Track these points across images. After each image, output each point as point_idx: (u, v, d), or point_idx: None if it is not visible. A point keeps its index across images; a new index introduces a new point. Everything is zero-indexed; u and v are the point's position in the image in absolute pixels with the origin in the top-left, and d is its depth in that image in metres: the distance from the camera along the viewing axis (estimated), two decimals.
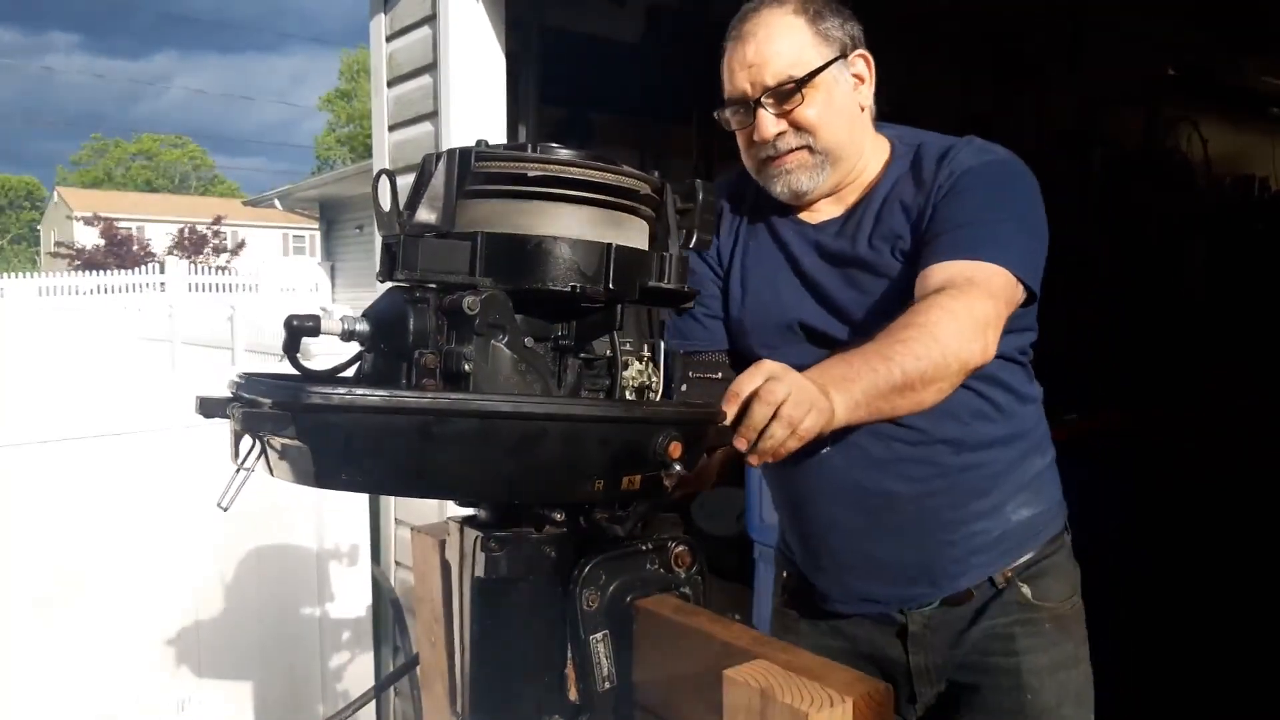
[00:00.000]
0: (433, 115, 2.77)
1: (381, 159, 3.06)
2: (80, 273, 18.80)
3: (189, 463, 2.42)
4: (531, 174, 0.95)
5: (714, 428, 1.00)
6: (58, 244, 27.63)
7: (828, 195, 1.50)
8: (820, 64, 1.42)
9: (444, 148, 1.11)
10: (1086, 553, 1.63)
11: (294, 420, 0.81)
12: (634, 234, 1.03)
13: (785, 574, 1.70)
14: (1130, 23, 4.89)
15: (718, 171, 5.23)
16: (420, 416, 0.83)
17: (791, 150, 1.44)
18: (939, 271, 1.33)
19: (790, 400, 1.06)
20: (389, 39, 2.98)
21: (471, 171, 0.94)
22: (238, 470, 0.87)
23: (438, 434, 0.83)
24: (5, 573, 2.25)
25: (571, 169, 0.96)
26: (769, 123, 1.43)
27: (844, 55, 1.45)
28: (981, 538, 1.49)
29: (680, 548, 1.06)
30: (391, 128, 2.98)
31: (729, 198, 1.62)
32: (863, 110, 1.49)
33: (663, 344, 1.14)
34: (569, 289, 0.95)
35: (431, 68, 2.77)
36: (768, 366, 1.10)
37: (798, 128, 1.43)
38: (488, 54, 2.76)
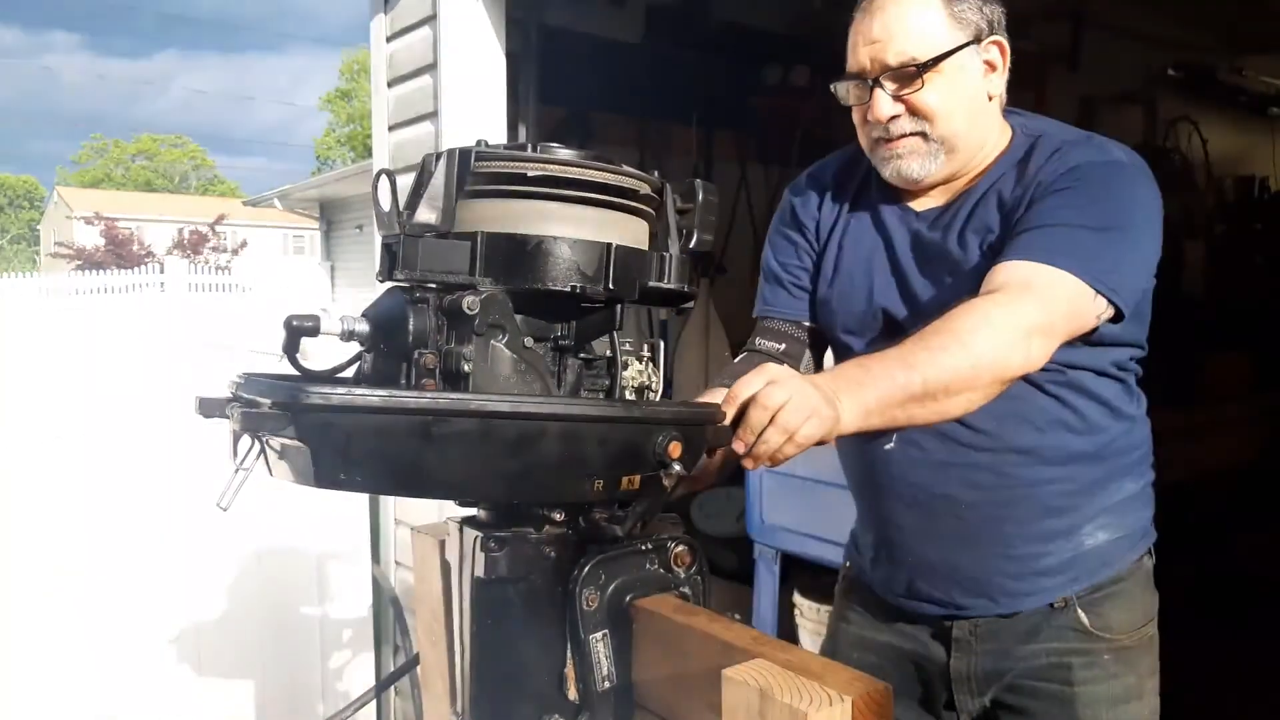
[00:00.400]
0: (432, 115, 2.78)
1: (381, 159, 3.06)
2: (80, 273, 18.80)
3: (189, 462, 2.42)
4: (531, 174, 0.95)
5: (713, 428, 1.00)
6: (58, 244, 27.60)
7: (942, 183, 1.43)
8: (949, 48, 1.33)
9: (444, 148, 1.11)
10: None
11: (294, 420, 0.81)
12: (634, 234, 1.03)
13: (848, 562, 1.66)
14: (1130, 23, 4.89)
15: (718, 171, 5.23)
16: (420, 416, 0.83)
17: (905, 135, 1.37)
18: (1001, 272, 1.25)
19: (789, 406, 1.04)
20: (389, 39, 2.98)
21: (472, 171, 0.94)
22: (236, 470, 0.87)
23: (438, 434, 0.83)
24: (5, 573, 2.25)
25: (571, 169, 0.96)
26: (884, 104, 1.36)
27: (978, 40, 1.36)
28: (1050, 559, 1.41)
29: (680, 548, 1.06)
30: (391, 128, 2.98)
31: (838, 172, 1.56)
32: (991, 99, 1.40)
33: (662, 343, 1.14)
34: (569, 289, 0.95)
35: (431, 68, 2.77)
36: (770, 370, 1.09)
37: (914, 113, 1.36)
38: (487, 54, 2.76)
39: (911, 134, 1.37)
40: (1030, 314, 1.20)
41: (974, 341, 1.16)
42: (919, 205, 1.45)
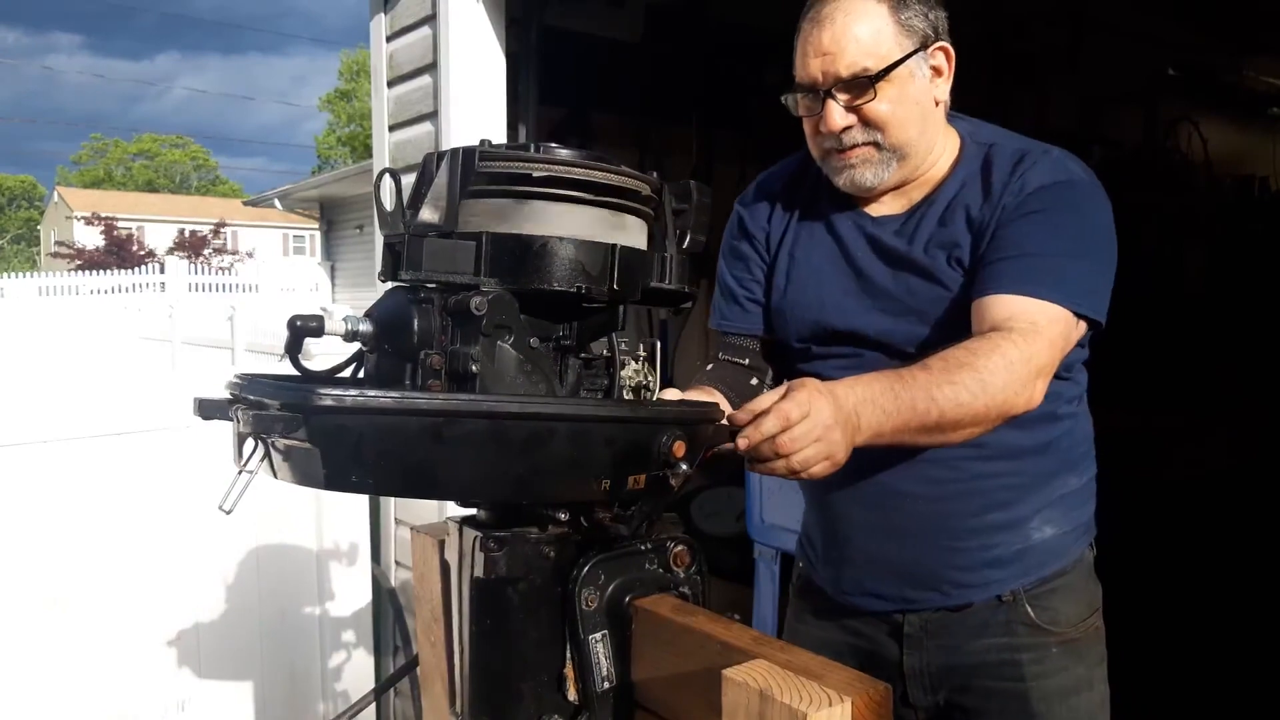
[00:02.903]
0: (433, 115, 2.78)
1: (382, 159, 3.06)
2: (81, 273, 18.79)
3: (189, 463, 2.42)
4: (536, 174, 0.95)
5: (712, 427, 1.00)
6: (58, 244, 27.61)
7: (892, 189, 1.45)
8: (898, 57, 1.35)
9: (444, 148, 1.11)
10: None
11: (305, 422, 0.80)
12: (635, 235, 1.03)
13: (800, 563, 1.68)
14: (1130, 23, 4.89)
15: (718, 171, 5.23)
16: (434, 418, 0.83)
17: (858, 145, 1.39)
18: (1000, 305, 1.29)
19: (804, 457, 1.05)
20: (389, 39, 2.98)
21: (475, 171, 0.94)
22: (240, 472, 0.86)
23: (449, 435, 0.83)
24: (5, 572, 2.25)
25: (575, 169, 0.96)
26: (837, 115, 1.37)
27: (924, 46, 1.38)
28: (997, 551, 1.44)
29: (679, 547, 1.06)
30: (391, 128, 2.98)
31: (786, 181, 1.57)
32: (937, 105, 1.42)
33: (658, 343, 1.15)
34: (574, 290, 0.94)
35: (431, 68, 2.77)
36: (800, 400, 1.05)
37: (867, 123, 1.37)
38: (488, 54, 2.76)
39: (864, 144, 1.39)
40: (1040, 357, 1.26)
41: (994, 383, 1.20)
42: (875, 211, 1.47)
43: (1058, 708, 1.44)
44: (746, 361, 1.54)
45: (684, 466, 0.93)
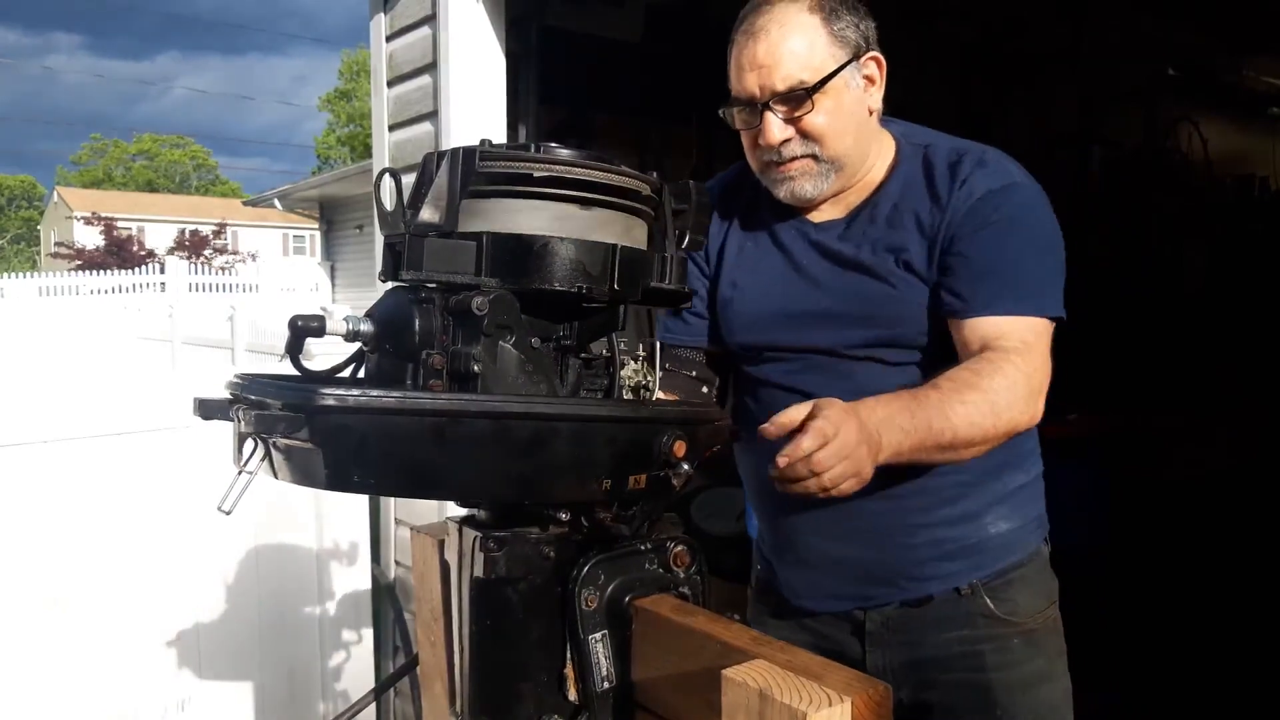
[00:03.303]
0: (433, 115, 2.77)
1: (381, 159, 3.06)
2: (81, 273, 18.79)
3: (189, 462, 2.42)
4: (537, 174, 0.94)
5: (709, 426, 1.01)
6: (58, 244, 27.62)
7: (831, 197, 1.48)
8: (833, 68, 1.36)
9: (444, 147, 1.11)
10: (1082, 551, 1.63)
11: (307, 422, 0.80)
12: (636, 235, 1.03)
13: (759, 565, 1.69)
14: (1130, 23, 4.89)
15: (718, 171, 5.22)
16: (436, 418, 0.83)
17: (796, 158, 1.41)
18: (986, 327, 1.34)
19: (834, 474, 1.10)
20: (389, 39, 2.98)
21: (475, 171, 0.94)
22: (240, 473, 0.86)
23: (451, 435, 0.83)
24: (6, 572, 2.25)
25: (576, 169, 0.96)
26: (775, 128, 1.38)
27: (857, 57, 1.39)
28: (950, 545, 1.46)
29: (679, 547, 1.06)
30: (391, 128, 2.98)
31: (724, 193, 1.58)
32: (871, 114, 1.44)
33: (658, 343, 1.15)
34: (576, 290, 0.94)
35: (431, 68, 2.77)
36: (832, 418, 1.10)
37: (805, 135, 1.39)
38: (488, 54, 2.76)
39: (803, 156, 1.40)
40: (1039, 374, 1.32)
41: (1000, 402, 1.26)
42: (816, 218, 1.49)
43: (1021, 699, 1.46)
44: (694, 373, 1.55)
45: (685, 466, 0.93)
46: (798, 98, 1.36)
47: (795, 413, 1.12)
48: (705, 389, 1.54)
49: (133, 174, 51.75)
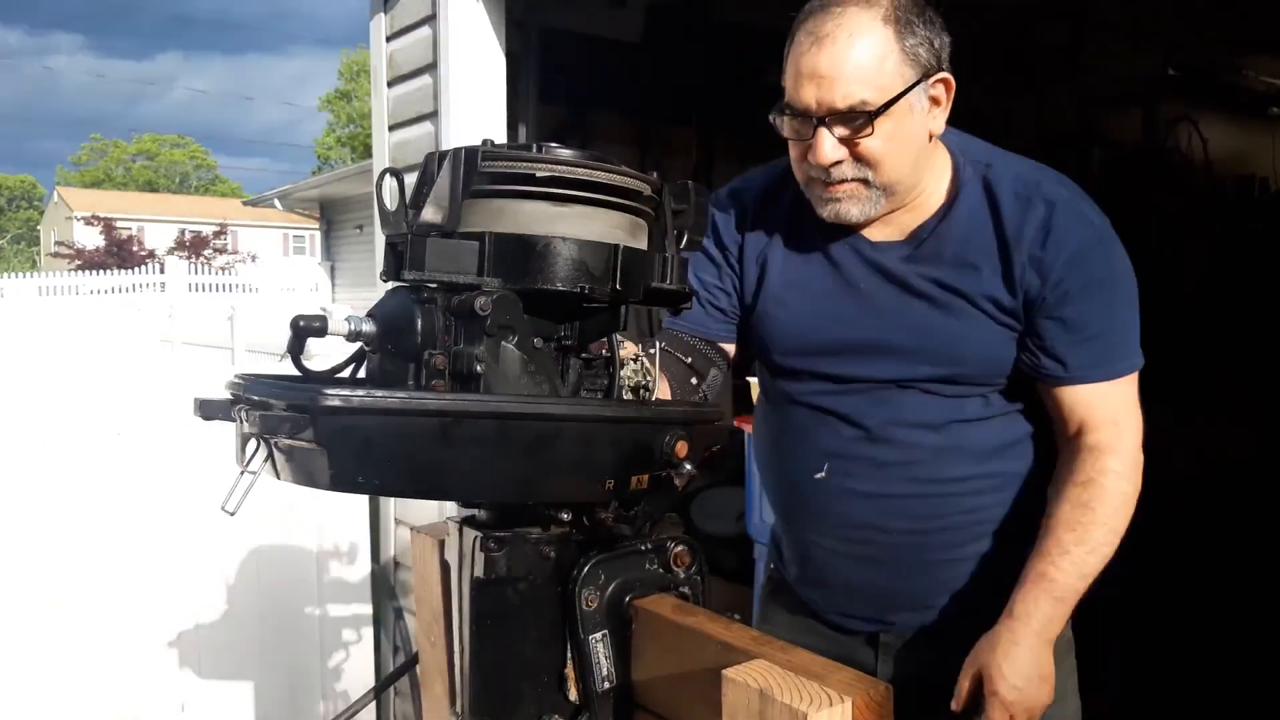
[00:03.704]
0: (433, 115, 2.77)
1: (381, 159, 3.06)
2: (81, 273, 18.80)
3: (189, 463, 2.42)
4: (539, 174, 0.94)
5: (707, 426, 1.01)
6: (58, 244, 27.62)
7: (881, 218, 1.38)
8: (900, 90, 1.24)
9: (444, 147, 1.11)
10: None
11: (312, 423, 0.80)
12: (637, 235, 1.03)
13: (772, 565, 1.67)
14: (1130, 23, 4.89)
15: (718, 171, 5.23)
16: (441, 419, 0.83)
17: (846, 180, 1.30)
18: (1084, 395, 1.34)
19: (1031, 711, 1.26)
20: (389, 39, 2.98)
21: (477, 171, 0.94)
22: (242, 473, 0.86)
23: (456, 436, 0.83)
24: (6, 572, 2.25)
25: (578, 170, 0.95)
26: (828, 148, 1.27)
27: (926, 76, 1.27)
28: (977, 575, 1.44)
29: (679, 547, 1.06)
30: (391, 128, 2.98)
31: (763, 195, 1.49)
32: (931, 138, 1.32)
33: (658, 343, 1.15)
34: (578, 290, 0.94)
35: (431, 68, 2.77)
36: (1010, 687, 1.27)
37: (859, 159, 1.28)
38: (488, 54, 2.76)
39: (853, 179, 1.30)
40: (1134, 446, 1.35)
41: (1120, 523, 1.33)
42: (872, 235, 1.40)
43: None
44: (690, 360, 1.45)
45: (688, 466, 0.93)
46: (856, 119, 1.25)
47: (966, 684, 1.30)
48: (694, 379, 1.43)
49: (133, 174, 51.75)
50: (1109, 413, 1.34)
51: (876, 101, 1.24)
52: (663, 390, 1.32)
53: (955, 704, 1.31)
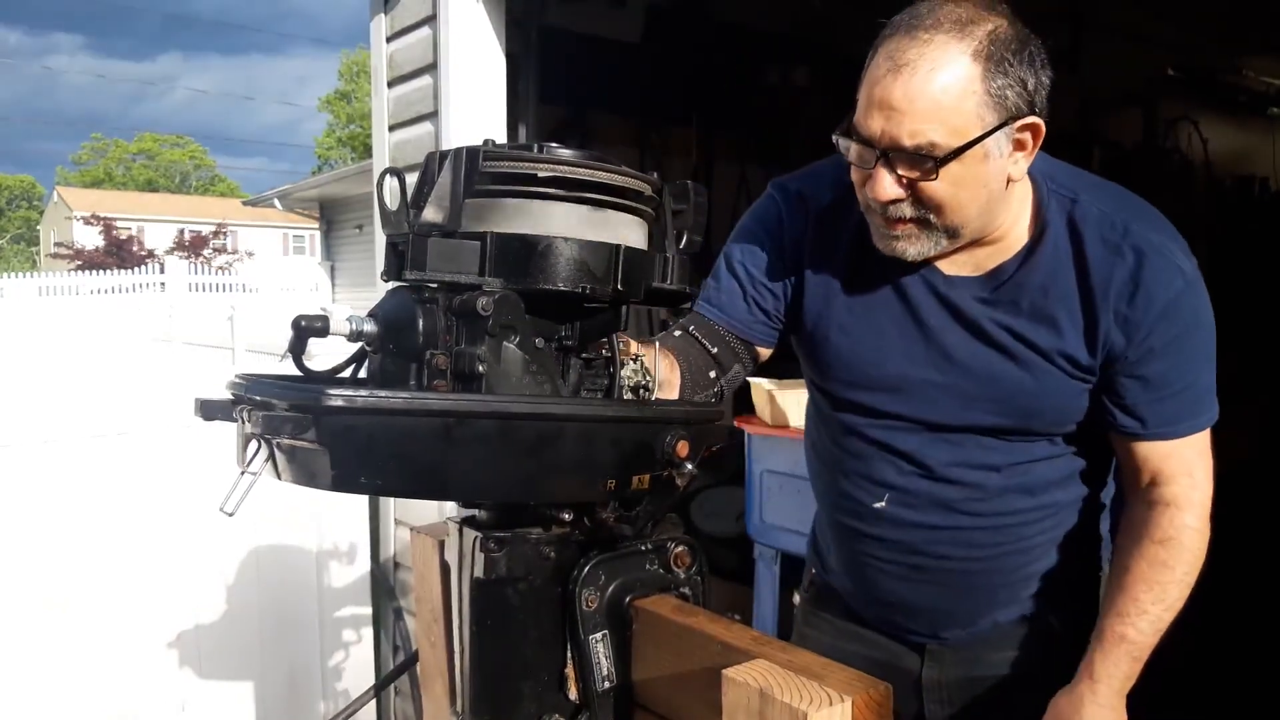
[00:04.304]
0: (433, 115, 2.78)
1: (382, 159, 3.06)
2: (80, 273, 18.80)
3: (189, 462, 2.42)
4: (541, 174, 0.94)
5: (709, 426, 1.01)
6: (58, 244, 27.63)
7: (952, 253, 1.29)
8: (975, 136, 1.13)
9: (444, 147, 1.11)
10: None
11: (315, 423, 0.80)
12: (637, 235, 1.03)
13: (813, 569, 1.64)
14: (1130, 23, 4.89)
15: (718, 171, 5.23)
16: (444, 419, 0.83)
17: (904, 220, 1.22)
18: (1160, 450, 1.31)
19: None
20: (389, 39, 2.98)
21: (479, 171, 0.94)
22: (243, 474, 0.86)
23: (459, 436, 0.83)
24: (6, 572, 2.25)
25: (580, 170, 0.96)
26: (887, 185, 1.17)
27: (1013, 119, 1.16)
28: (1030, 590, 1.43)
29: (680, 548, 1.06)
30: (391, 128, 2.98)
31: (835, 202, 1.36)
32: (1009, 183, 1.22)
33: (657, 343, 1.15)
34: (580, 290, 0.94)
35: (431, 68, 2.77)
36: None
37: (919, 200, 1.19)
38: (488, 54, 2.76)
39: (911, 219, 1.22)
40: (1208, 502, 1.32)
41: (1191, 576, 1.32)
42: (947, 269, 1.31)
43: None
44: (715, 350, 1.37)
45: (689, 466, 0.93)
46: (922, 161, 1.15)
47: None
48: (714, 373, 1.36)
49: (132, 174, 51.76)
50: (1184, 465, 1.31)
51: (946, 144, 1.13)
52: (673, 379, 1.27)
53: None
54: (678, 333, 1.39)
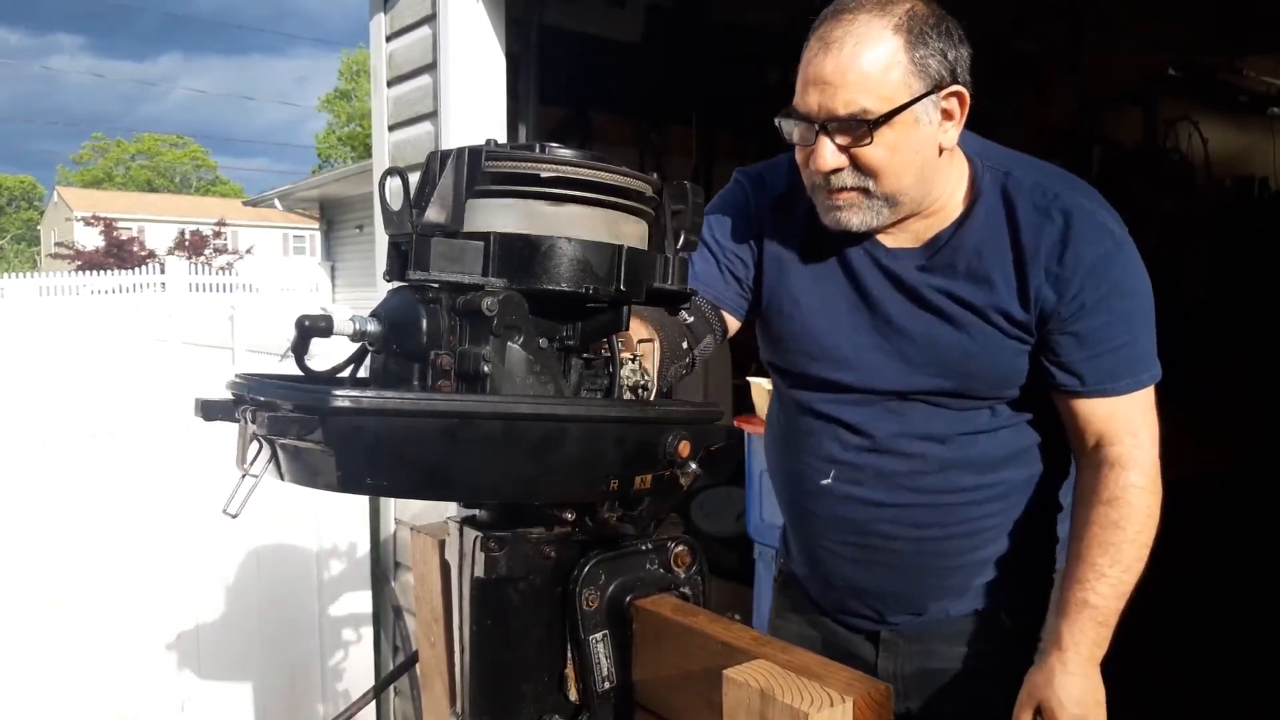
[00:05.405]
0: (432, 115, 2.77)
1: (381, 159, 3.06)
2: (81, 273, 18.79)
3: (189, 462, 2.42)
4: (544, 174, 0.94)
5: (710, 426, 1.01)
6: (58, 244, 27.62)
7: (893, 225, 1.36)
8: (904, 101, 1.23)
9: (444, 147, 1.11)
10: None
11: (322, 424, 0.80)
12: (639, 235, 1.03)
13: (781, 558, 1.68)
14: (1130, 23, 4.90)
15: (718, 171, 5.23)
16: (451, 419, 0.83)
17: (846, 189, 1.29)
18: (1102, 408, 1.33)
19: None
20: (389, 39, 2.98)
21: (482, 170, 0.94)
22: (245, 475, 0.86)
23: (466, 437, 0.83)
24: (6, 572, 2.25)
25: (582, 170, 0.96)
26: (828, 155, 1.26)
27: (937, 89, 1.25)
28: (981, 579, 1.44)
29: (680, 547, 1.06)
30: (391, 128, 2.98)
31: (788, 188, 1.45)
32: (942, 151, 1.30)
33: (655, 343, 1.15)
34: (583, 290, 0.94)
35: (431, 68, 2.77)
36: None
37: (858, 167, 1.27)
38: (488, 54, 2.76)
39: (853, 188, 1.29)
40: (1152, 458, 1.34)
41: (1148, 536, 1.33)
42: (888, 241, 1.39)
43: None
44: (691, 320, 1.38)
45: (692, 466, 0.93)
46: (856, 127, 1.24)
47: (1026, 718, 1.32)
48: (686, 344, 1.34)
49: (132, 174, 51.76)
50: (1127, 424, 1.34)
51: (878, 110, 1.23)
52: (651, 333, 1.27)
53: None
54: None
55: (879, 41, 1.23)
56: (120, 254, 21.46)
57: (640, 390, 1.06)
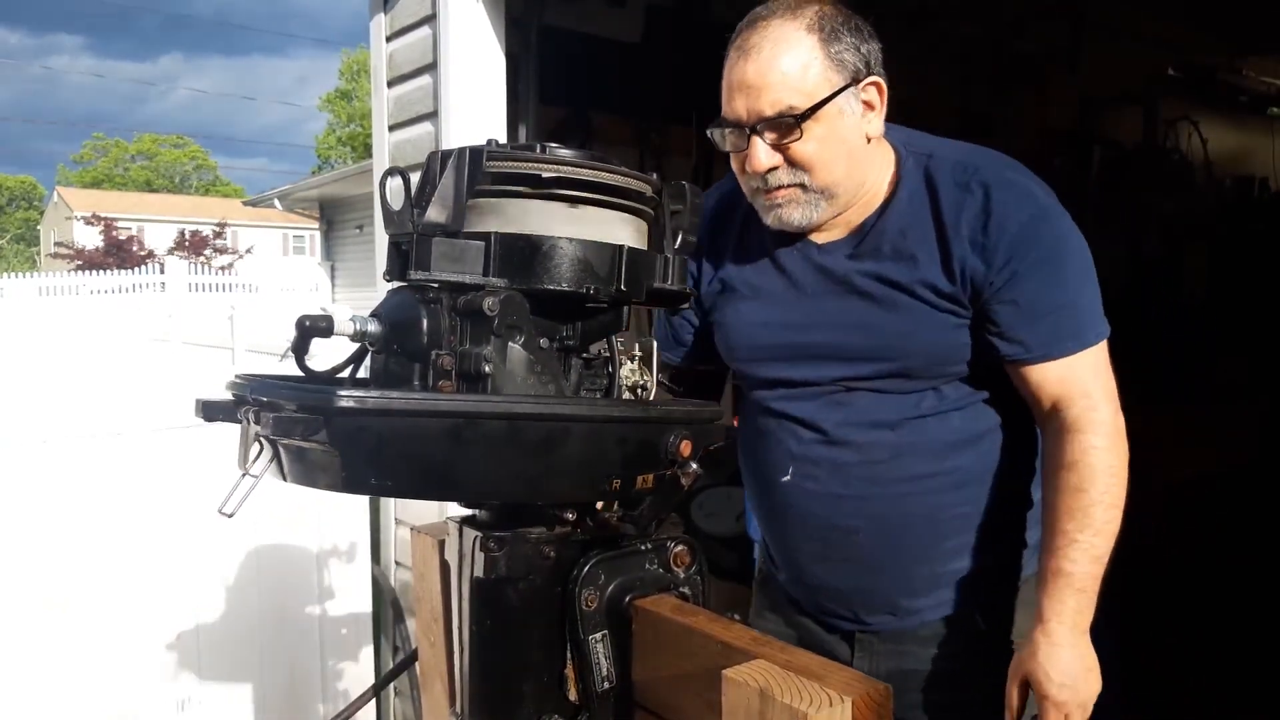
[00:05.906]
0: (433, 115, 2.77)
1: (382, 159, 3.06)
2: (81, 273, 18.78)
3: (189, 463, 2.42)
4: (545, 175, 0.94)
5: (709, 426, 1.01)
6: (58, 244, 27.61)
7: (828, 220, 1.40)
8: (826, 94, 1.28)
9: (444, 147, 1.11)
10: None
11: (327, 424, 0.80)
12: (638, 236, 1.03)
13: (763, 559, 1.68)
14: (1130, 23, 4.89)
15: (718, 172, 5.22)
16: (454, 419, 0.83)
17: (783, 186, 1.34)
18: (1053, 371, 1.33)
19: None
20: (389, 39, 2.98)
21: (483, 171, 0.94)
22: (245, 475, 0.85)
23: (469, 437, 0.83)
24: (5, 572, 2.25)
25: (583, 170, 0.96)
26: (763, 154, 1.31)
27: (855, 81, 1.31)
28: (949, 576, 1.44)
29: (679, 547, 1.06)
30: (391, 128, 2.98)
31: (719, 207, 1.52)
32: (869, 141, 1.35)
33: (655, 343, 1.15)
34: (584, 290, 0.94)
35: (431, 68, 2.77)
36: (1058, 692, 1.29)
37: (792, 163, 1.32)
38: (488, 54, 2.76)
39: (790, 185, 1.34)
40: (1112, 416, 1.34)
41: (1117, 496, 1.32)
42: (819, 238, 1.43)
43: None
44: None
45: (692, 466, 0.93)
46: (786, 124, 1.29)
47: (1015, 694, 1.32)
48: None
49: (132, 174, 51.74)
50: (1080, 385, 1.34)
51: (803, 106, 1.28)
52: None
53: (1008, 716, 1.33)
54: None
55: (795, 43, 1.29)
56: (120, 254, 21.45)
57: (640, 390, 1.06)
